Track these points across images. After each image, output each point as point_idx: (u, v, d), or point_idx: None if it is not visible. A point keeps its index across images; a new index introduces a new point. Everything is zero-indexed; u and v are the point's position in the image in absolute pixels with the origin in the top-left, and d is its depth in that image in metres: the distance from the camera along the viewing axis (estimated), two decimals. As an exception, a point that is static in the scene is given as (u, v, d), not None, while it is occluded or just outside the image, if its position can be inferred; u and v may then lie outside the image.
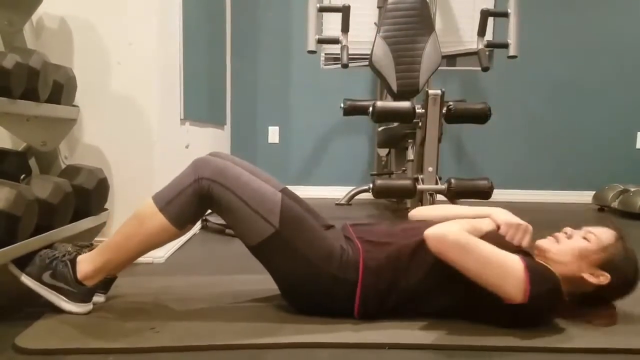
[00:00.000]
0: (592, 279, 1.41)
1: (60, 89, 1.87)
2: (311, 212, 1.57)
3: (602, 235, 1.48)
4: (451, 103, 2.77)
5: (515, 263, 1.33)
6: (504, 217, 1.52)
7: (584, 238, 1.47)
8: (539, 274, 1.34)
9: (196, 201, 1.42)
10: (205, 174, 1.41)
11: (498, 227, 1.51)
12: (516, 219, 1.52)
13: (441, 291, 1.42)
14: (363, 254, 1.44)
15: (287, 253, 1.41)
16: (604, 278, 1.41)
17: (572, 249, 1.46)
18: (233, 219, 1.44)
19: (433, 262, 1.40)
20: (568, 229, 1.52)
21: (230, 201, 1.41)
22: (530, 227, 1.51)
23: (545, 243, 1.50)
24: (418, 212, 1.71)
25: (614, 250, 1.44)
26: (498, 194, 3.29)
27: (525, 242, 1.49)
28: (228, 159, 1.60)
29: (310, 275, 1.41)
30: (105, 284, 1.57)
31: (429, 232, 1.37)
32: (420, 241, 1.42)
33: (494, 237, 1.43)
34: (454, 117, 2.77)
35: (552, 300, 1.37)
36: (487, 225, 1.49)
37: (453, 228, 1.37)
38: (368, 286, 1.42)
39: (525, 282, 1.30)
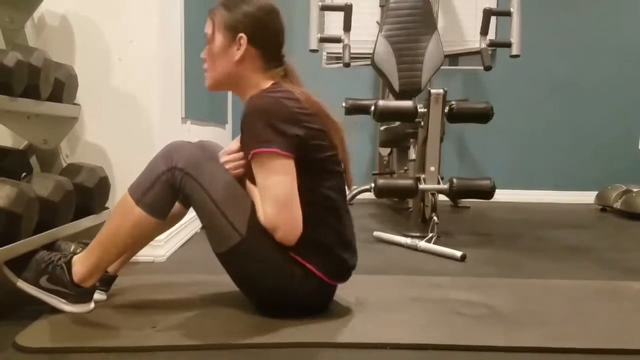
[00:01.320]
0: (238, 51, 1.42)
1: (62, 87, 1.87)
2: None
3: (211, 15, 1.49)
4: (453, 102, 2.76)
5: (264, 164, 1.34)
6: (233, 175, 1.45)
7: (207, 44, 1.49)
8: (256, 138, 1.34)
9: (171, 191, 1.38)
10: (179, 163, 1.36)
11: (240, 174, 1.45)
12: (230, 168, 1.44)
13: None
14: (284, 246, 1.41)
15: (253, 261, 1.38)
16: (240, 40, 1.42)
17: (207, 55, 1.50)
18: (202, 218, 1.41)
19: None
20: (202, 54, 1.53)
21: (201, 200, 1.37)
22: (222, 156, 1.46)
23: (205, 82, 1.54)
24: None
25: (220, 13, 1.45)
26: (500, 194, 3.28)
27: (234, 155, 1.45)
28: (211, 150, 1.56)
29: (279, 280, 1.39)
30: (106, 282, 1.57)
31: (291, 242, 1.37)
32: None
33: (250, 172, 1.41)
34: (456, 116, 2.76)
35: (272, 116, 1.35)
36: (249, 185, 1.43)
37: (280, 235, 1.36)
38: (311, 258, 1.40)
39: (274, 153, 1.32)
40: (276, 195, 1.34)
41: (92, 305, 1.46)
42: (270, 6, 1.46)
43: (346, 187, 1.52)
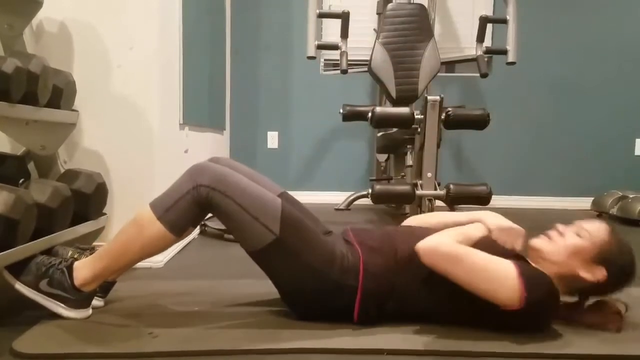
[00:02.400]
0: (588, 275, 1.41)
1: (60, 93, 1.87)
2: (310, 217, 1.57)
3: (595, 230, 1.46)
4: (450, 109, 2.78)
5: (508, 270, 1.33)
6: (496, 221, 1.51)
7: (577, 234, 1.46)
8: (533, 278, 1.34)
9: (195, 208, 1.40)
10: (204, 181, 1.40)
11: (490, 232, 1.50)
12: (508, 222, 1.51)
13: (435, 295, 1.42)
14: (363, 258, 1.44)
15: (288, 260, 1.41)
16: (599, 272, 1.41)
17: (565, 246, 1.45)
18: (233, 226, 1.43)
19: (430, 269, 1.40)
20: (560, 226, 1.50)
21: (230, 208, 1.40)
22: (522, 230, 1.50)
23: (538, 243, 1.49)
24: (411, 222, 1.71)
25: (608, 244, 1.44)
26: (497, 200, 3.29)
27: (518, 246, 1.49)
28: (226, 163, 1.60)
29: (311, 282, 1.41)
30: (104, 289, 1.57)
31: (421, 246, 1.37)
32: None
33: (487, 243, 1.43)
34: (452, 123, 2.77)
35: (549, 304, 1.37)
36: (478, 231, 1.47)
37: (444, 239, 1.37)
38: (368, 291, 1.41)
39: (520, 288, 1.30)
40: (469, 261, 1.34)
41: (90, 311, 1.47)
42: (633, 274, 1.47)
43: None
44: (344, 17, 3.35)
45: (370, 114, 2.78)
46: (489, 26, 3.91)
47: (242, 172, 1.53)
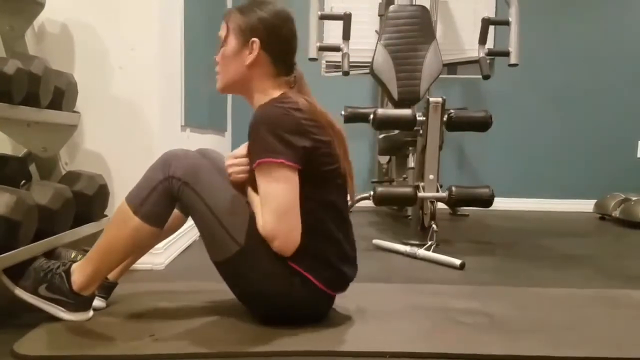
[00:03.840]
0: (250, 55, 1.42)
1: (62, 94, 1.87)
2: None
3: (226, 18, 1.48)
4: (452, 111, 2.77)
5: (268, 174, 1.34)
6: (234, 181, 1.44)
7: (220, 46, 1.48)
8: (263, 148, 1.33)
9: (168, 199, 1.38)
10: (177, 172, 1.36)
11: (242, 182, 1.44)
12: (232, 173, 1.42)
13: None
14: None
15: (251, 270, 1.38)
16: (253, 44, 1.42)
17: (220, 57, 1.48)
18: (200, 228, 1.41)
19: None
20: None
21: (199, 210, 1.37)
22: (226, 160, 1.45)
23: (216, 84, 1.51)
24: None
25: (236, 17, 1.45)
26: (499, 203, 3.28)
27: (239, 161, 1.42)
28: (212, 157, 1.56)
29: (277, 289, 1.39)
30: (106, 289, 1.57)
31: (269, 238, 1.35)
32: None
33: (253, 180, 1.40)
34: (455, 125, 2.77)
35: (280, 128, 1.34)
36: (251, 193, 1.42)
37: (260, 220, 1.35)
38: (309, 267, 1.40)
39: (280, 164, 1.33)
40: (277, 205, 1.34)
41: (90, 313, 1.47)
42: (285, 13, 1.47)
43: (348, 198, 1.52)
44: (346, 18, 3.35)
45: (372, 116, 2.77)
46: (491, 28, 3.91)
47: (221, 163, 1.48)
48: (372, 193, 2.73)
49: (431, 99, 2.72)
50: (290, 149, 1.33)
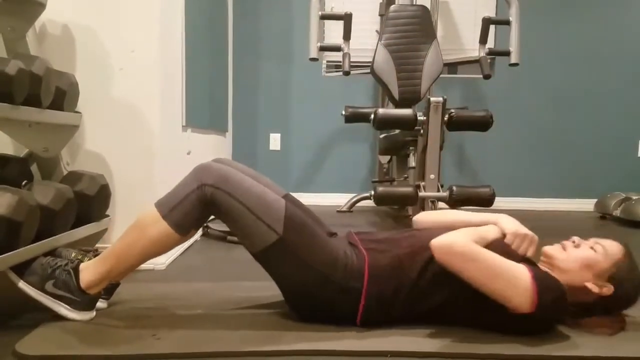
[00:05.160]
0: (596, 289, 1.41)
1: (63, 95, 1.87)
2: (314, 218, 1.56)
3: (610, 247, 1.46)
4: (453, 110, 2.77)
5: (522, 273, 1.32)
6: (511, 225, 1.51)
7: (592, 248, 1.46)
8: (546, 283, 1.33)
9: (199, 207, 1.41)
10: (209, 180, 1.40)
11: (504, 236, 1.49)
12: (523, 228, 1.50)
13: (442, 293, 1.42)
14: (369, 261, 1.43)
15: (291, 260, 1.41)
16: (607, 289, 1.41)
17: (579, 257, 1.45)
18: (236, 226, 1.43)
19: (437, 271, 1.39)
20: (576, 238, 1.50)
21: (234, 208, 1.40)
22: (536, 238, 1.50)
23: (552, 250, 1.50)
24: (423, 217, 1.69)
25: (620, 264, 1.44)
26: (500, 202, 3.28)
27: (530, 252, 1.48)
28: (231, 165, 1.60)
29: (314, 283, 1.41)
30: (108, 290, 1.57)
31: (435, 243, 1.37)
32: (423, 249, 1.42)
33: (500, 246, 1.43)
34: (455, 124, 2.77)
35: (559, 309, 1.37)
36: (493, 234, 1.48)
37: (459, 238, 1.36)
38: (372, 294, 1.41)
39: (532, 292, 1.30)
40: (481, 258, 1.33)
41: (94, 313, 1.47)
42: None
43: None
44: (347, 18, 3.35)
45: (372, 116, 2.77)
46: (492, 27, 3.91)
47: (245, 174, 1.53)
48: (372, 193, 2.73)
49: (432, 99, 2.72)
50: (544, 306, 1.32)
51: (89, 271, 1.44)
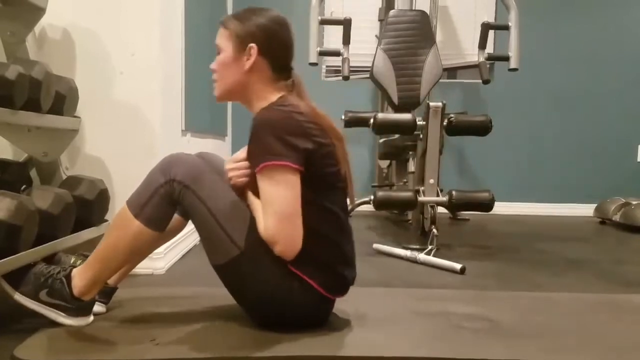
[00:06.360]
0: (248, 61, 1.42)
1: (62, 99, 1.87)
2: None
3: (223, 26, 1.48)
4: (452, 115, 2.78)
5: (270, 177, 1.33)
6: (235, 184, 1.44)
7: (217, 54, 1.48)
8: (264, 152, 1.33)
9: (169, 203, 1.38)
10: (178, 176, 1.36)
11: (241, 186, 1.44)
12: (233, 177, 1.42)
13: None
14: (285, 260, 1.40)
15: (251, 275, 1.37)
16: (251, 50, 1.42)
17: (217, 64, 1.48)
18: (200, 232, 1.41)
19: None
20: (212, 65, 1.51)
21: (200, 213, 1.37)
22: (226, 164, 1.45)
23: (214, 91, 1.52)
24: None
25: (232, 24, 1.45)
26: (499, 207, 3.29)
27: (239, 164, 1.42)
28: (209, 159, 1.57)
29: (277, 295, 1.39)
30: (106, 294, 1.56)
31: (270, 242, 1.34)
32: None
33: (253, 184, 1.39)
34: (455, 129, 2.77)
35: (281, 131, 1.34)
36: (251, 197, 1.42)
37: (262, 225, 1.34)
38: (312, 273, 1.39)
39: (281, 166, 1.31)
40: (280, 209, 1.33)
41: (91, 318, 1.47)
42: (281, 19, 1.48)
43: (348, 201, 1.52)
44: (346, 23, 3.36)
45: (372, 121, 2.78)
46: (491, 32, 3.91)
47: (220, 167, 1.49)
48: (372, 197, 2.73)
49: (431, 104, 2.73)
50: (293, 151, 1.33)
51: (79, 277, 1.42)
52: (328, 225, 1.43)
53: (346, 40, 3.38)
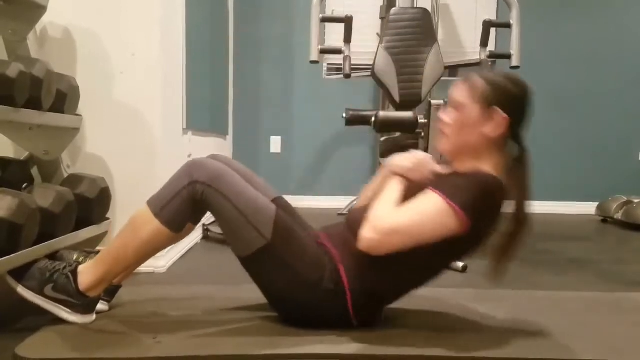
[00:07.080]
0: (490, 126, 1.42)
1: (64, 98, 1.87)
2: (300, 222, 1.56)
3: (466, 87, 1.47)
4: (454, 113, 2.77)
5: (437, 204, 1.30)
6: (397, 166, 1.47)
7: (453, 108, 1.46)
8: (453, 190, 1.32)
9: (191, 204, 1.39)
10: (201, 177, 1.38)
11: (405, 179, 1.45)
12: (406, 161, 1.46)
13: (405, 257, 1.37)
14: (340, 259, 1.42)
15: (278, 266, 1.39)
16: (497, 115, 1.42)
17: (453, 123, 1.45)
18: (226, 227, 1.42)
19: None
20: (441, 115, 1.49)
21: (225, 209, 1.38)
22: (425, 156, 1.48)
23: (440, 144, 1.49)
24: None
25: (485, 84, 1.45)
26: (500, 205, 3.26)
27: (428, 173, 1.46)
28: (225, 161, 1.58)
29: (300, 289, 1.40)
30: (110, 292, 1.56)
31: (363, 247, 1.33)
32: None
33: (409, 189, 1.40)
34: (456, 127, 2.76)
35: (484, 196, 1.35)
36: (397, 185, 1.43)
37: (370, 235, 1.32)
38: (355, 290, 1.40)
39: (454, 209, 1.29)
40: (406, 223, 1.31)
41: (94, 316, 1.46)
42: (530, 92, 1.50)
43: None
44: (347, 21, 3.35)
45: (373, 119, 2.77)
46: (493, 30, 3.91)
47: (239, 172, 1.51)
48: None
49: (433, 102, 2.72)
50: (474, 213, 1.31)
51: (87, 274, 1.42)
52: (419, 281, 1.45)
53: (347, 38, 3.38)
